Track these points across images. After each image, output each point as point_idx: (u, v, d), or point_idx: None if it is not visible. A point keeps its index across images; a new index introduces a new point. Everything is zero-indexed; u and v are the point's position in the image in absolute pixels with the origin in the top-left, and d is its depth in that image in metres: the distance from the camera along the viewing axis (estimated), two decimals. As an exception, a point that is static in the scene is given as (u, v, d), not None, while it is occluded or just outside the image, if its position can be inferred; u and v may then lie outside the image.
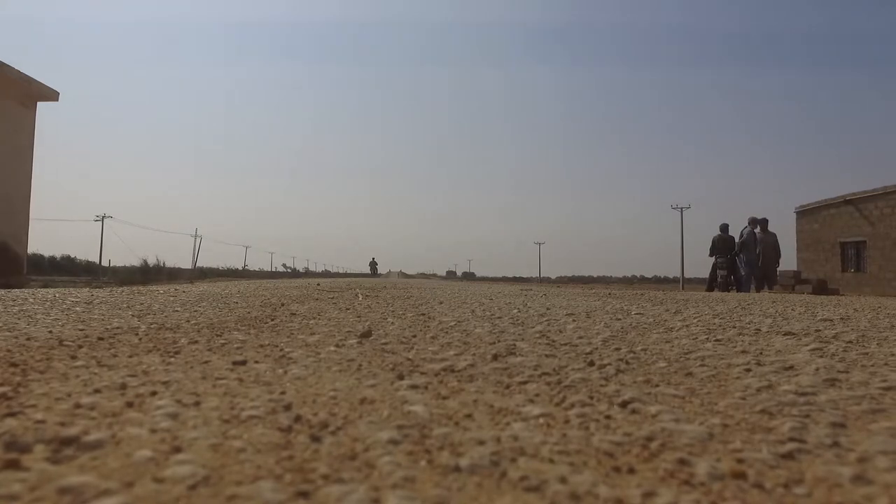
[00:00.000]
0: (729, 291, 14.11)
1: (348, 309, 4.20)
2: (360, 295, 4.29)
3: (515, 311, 4.25)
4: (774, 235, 14.23)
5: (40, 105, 13.03)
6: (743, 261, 14.12)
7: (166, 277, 22.04)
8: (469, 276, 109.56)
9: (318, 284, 7.73)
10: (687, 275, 61.75)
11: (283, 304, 4.57)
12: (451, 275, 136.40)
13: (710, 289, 14.46)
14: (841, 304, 5.81)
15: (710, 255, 14.57)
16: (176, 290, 7.14)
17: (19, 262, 12.35)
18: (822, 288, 12.03)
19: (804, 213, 22.55)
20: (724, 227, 14.50)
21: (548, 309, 4.47)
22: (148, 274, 20.81)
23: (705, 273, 14.96)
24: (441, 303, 5.26)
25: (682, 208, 61.16)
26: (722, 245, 14.37)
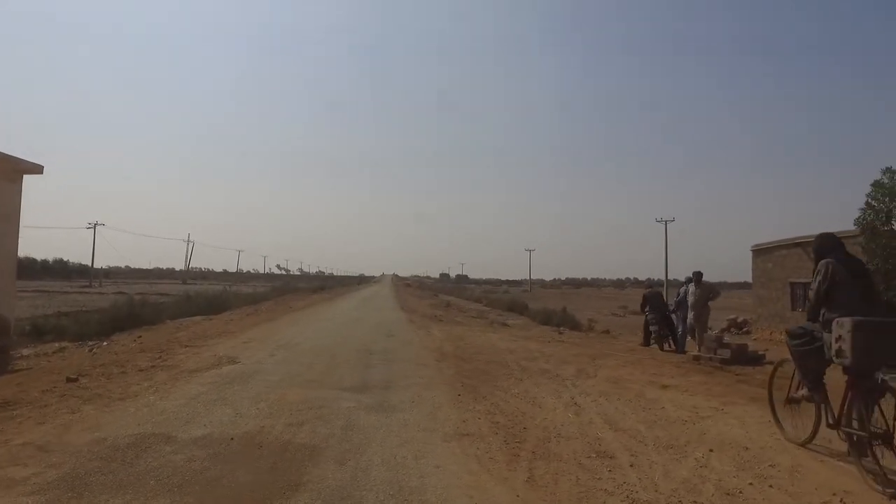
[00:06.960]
0: (665, 345, 14.61)
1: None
2: None
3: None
4: (707, 286, 14.47)
5: (26, 177, 14.04)
6: (679, 318, 14.87)
7: (160, 315, 22.99)
8: (462, 280, 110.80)
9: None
10: (672, 278, 63.10)
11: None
12: (444, 277, 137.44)
13: (647, 342, 15.08)
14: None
15: (641, 311, 15.33)
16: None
17: (7, 325, 13.41)
18: (741, 353, 12.90)
19: (759, 252, 23.63)
20: (653, 284, 15.90)
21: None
22: (134, 311, 21.75)
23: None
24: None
25: (666, 221, 62.31)
26: (654, 301, 15.08)
